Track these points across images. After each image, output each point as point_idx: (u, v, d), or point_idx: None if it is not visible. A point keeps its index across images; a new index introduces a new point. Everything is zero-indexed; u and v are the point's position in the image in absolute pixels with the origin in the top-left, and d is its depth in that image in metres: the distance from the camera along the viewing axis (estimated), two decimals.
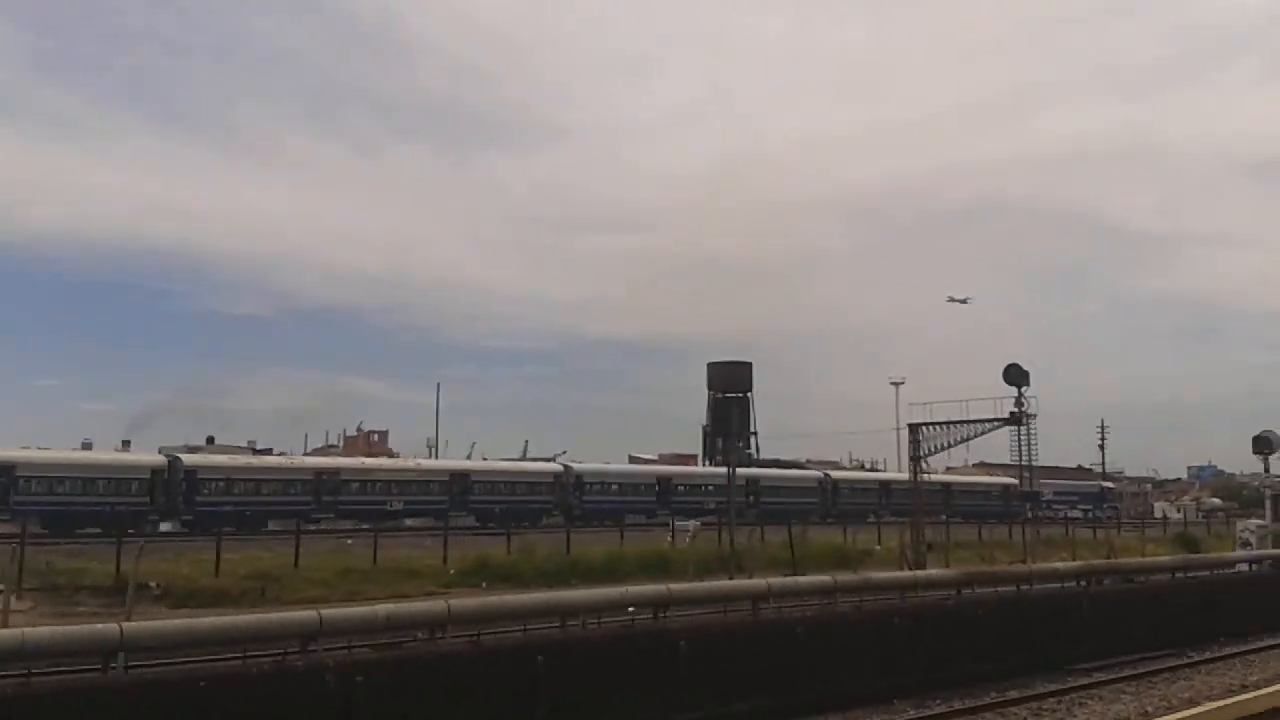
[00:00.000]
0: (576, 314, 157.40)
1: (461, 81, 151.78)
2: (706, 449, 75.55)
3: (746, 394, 27.97)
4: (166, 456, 51.30)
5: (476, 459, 72.18)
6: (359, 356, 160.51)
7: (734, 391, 27.78)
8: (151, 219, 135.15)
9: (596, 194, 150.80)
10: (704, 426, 75.83)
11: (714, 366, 27.58)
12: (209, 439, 62.46)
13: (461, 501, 55.31)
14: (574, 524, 51.61)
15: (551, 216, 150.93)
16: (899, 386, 67.45)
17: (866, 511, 59.82)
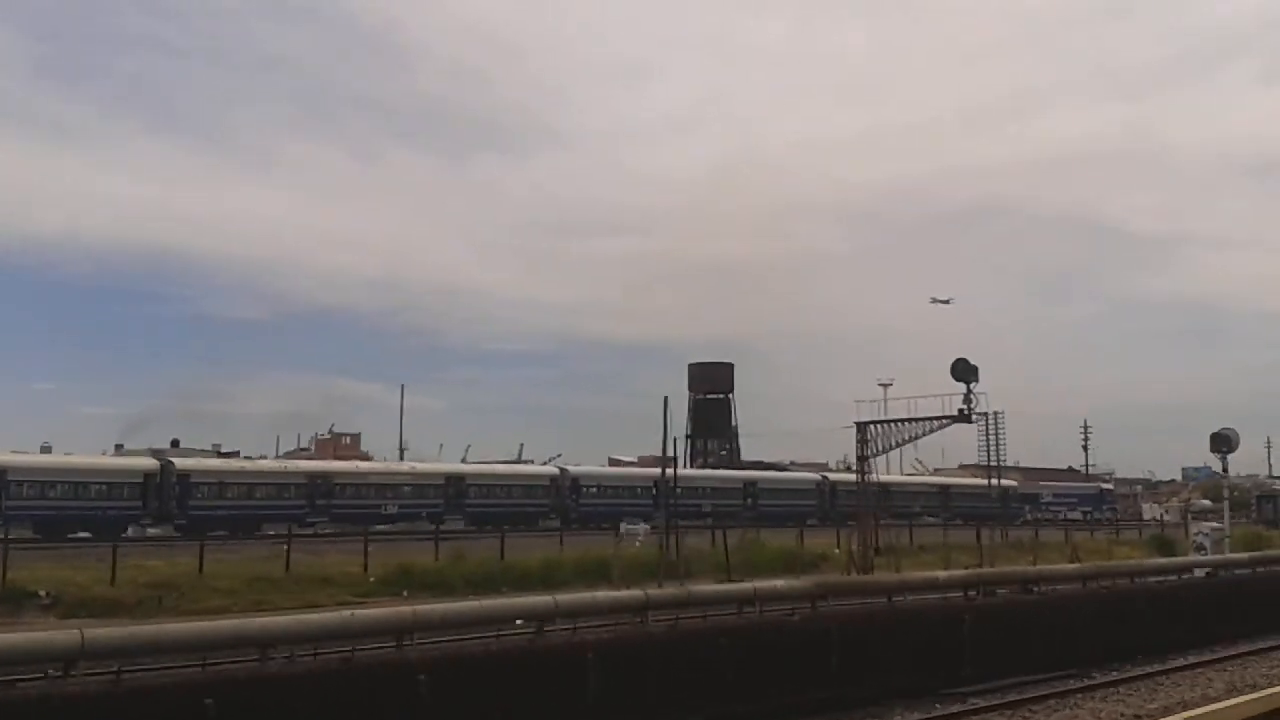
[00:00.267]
0: (574, 317, 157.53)
1: (460, 85, 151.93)
2: (688, 451, 75.55)
3: (728, 395, 27.31)
4: (159, 461, 50.93)
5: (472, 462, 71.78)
6: (357, 360, 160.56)
7: (716, 392, 27.15)
8: (150, 223, 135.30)
9: (595, 197, 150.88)
10: (686, 432, 77.12)
11: (695, 367, 27.06)
12: (173, 441, 61.56)
13: (457, 505, 54.97)
14: (570, 527, 51.47)
15: (550, 220, 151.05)
16: (887, 388, 66.71)
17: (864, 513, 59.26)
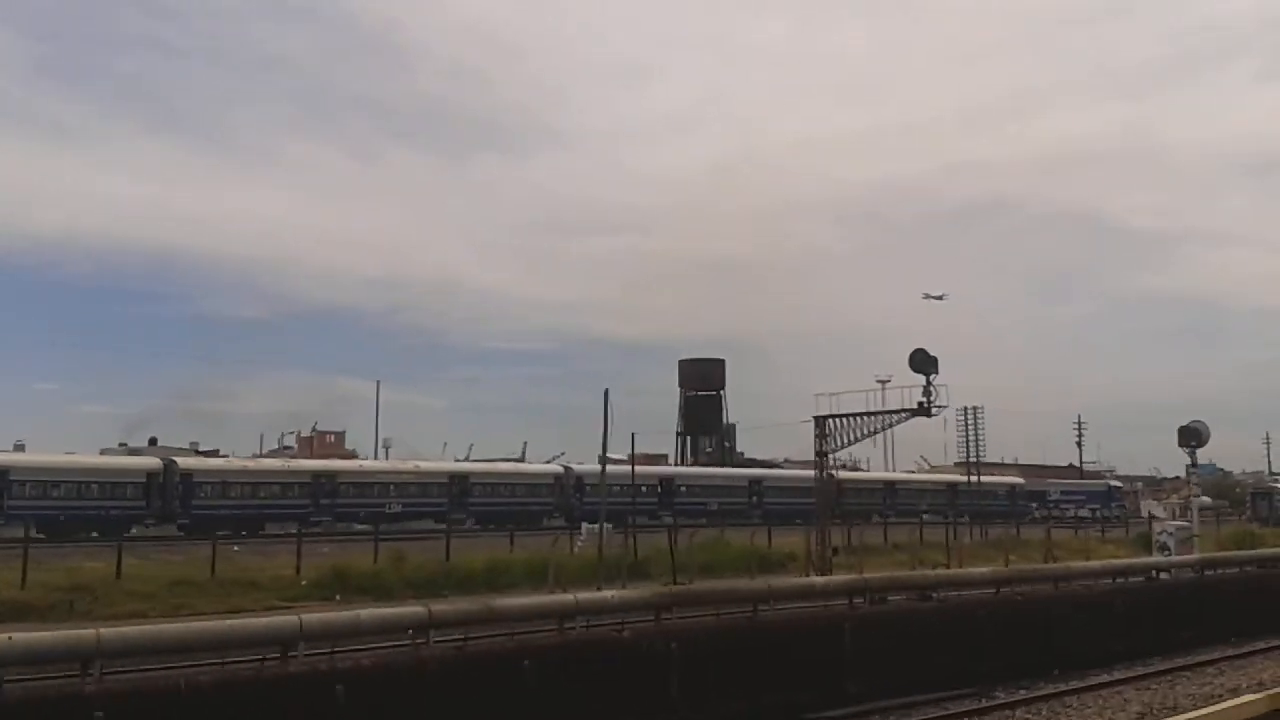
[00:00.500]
0: (575, 315, 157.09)
1: (460, 85, 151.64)
2: (679, 448, 72.53)
3: (719, 391, 26.52)
4: (162, 460, 50.78)
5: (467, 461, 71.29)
6: (358, 359, 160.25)
7: (707, 389, 26.35)
8: (150, 223, 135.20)
9: (595, 196, 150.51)
10: (678, 429, 75.09)
11: (686, 364, 26.28)
12: (151, 440, 60.81)
13: (461, 504, 54.71)
14: (574, 526, 51.17)
15: (550, 219, 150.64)
16: (885, 384, 65.82)
17: (872, 511, 59.08)
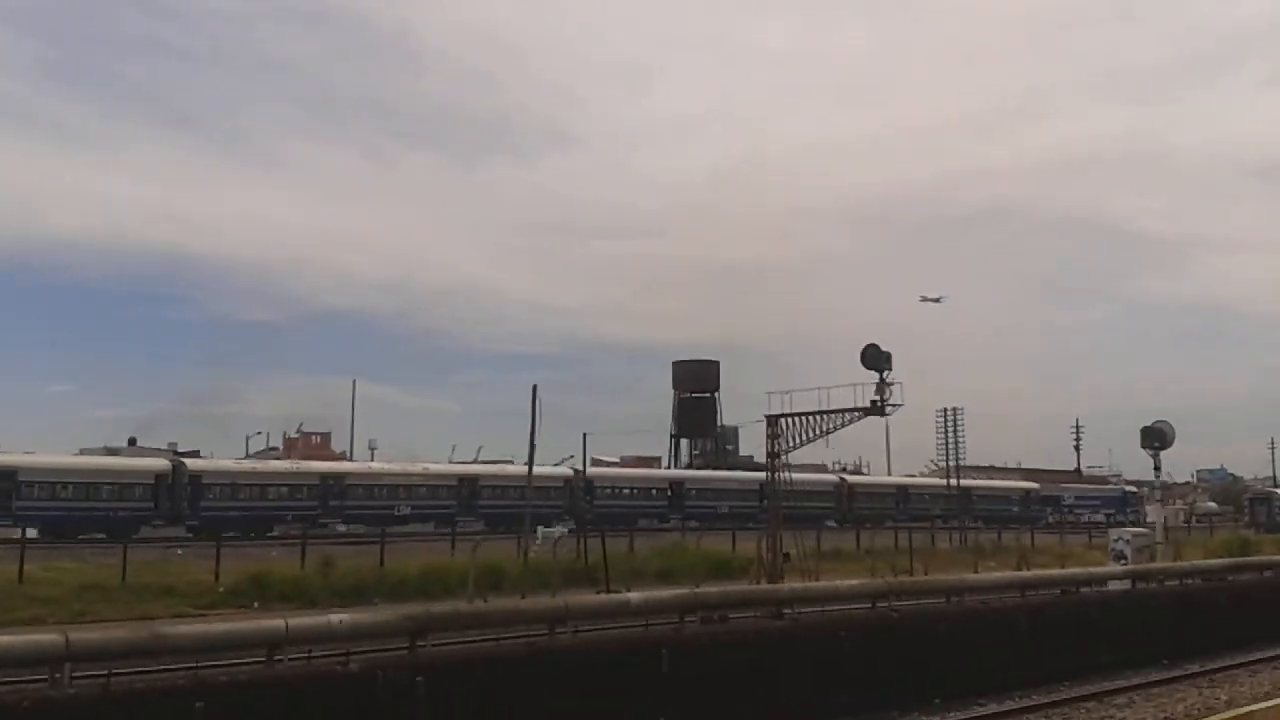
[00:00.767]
0: (584, 318, 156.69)
1: (468, 87, 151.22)
2: (672, 450, 71.09)
3: (714, 393, 25.75)
4: (171, 461, 50.78)
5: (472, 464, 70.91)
6: (370, 362, 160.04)
7: (701, 391, 25.57)
8: (163, 226, 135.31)
9: (602, 199, 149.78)
10: (672, 432, 73.19)
11: (680, 366, 25.60)
12: (130, 440, 60.65)
13: (470, 506, 54.51)
14: (585, 528, 50.88)
15: (558, 222, 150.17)
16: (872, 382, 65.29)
17: (884, 516, 58.63)
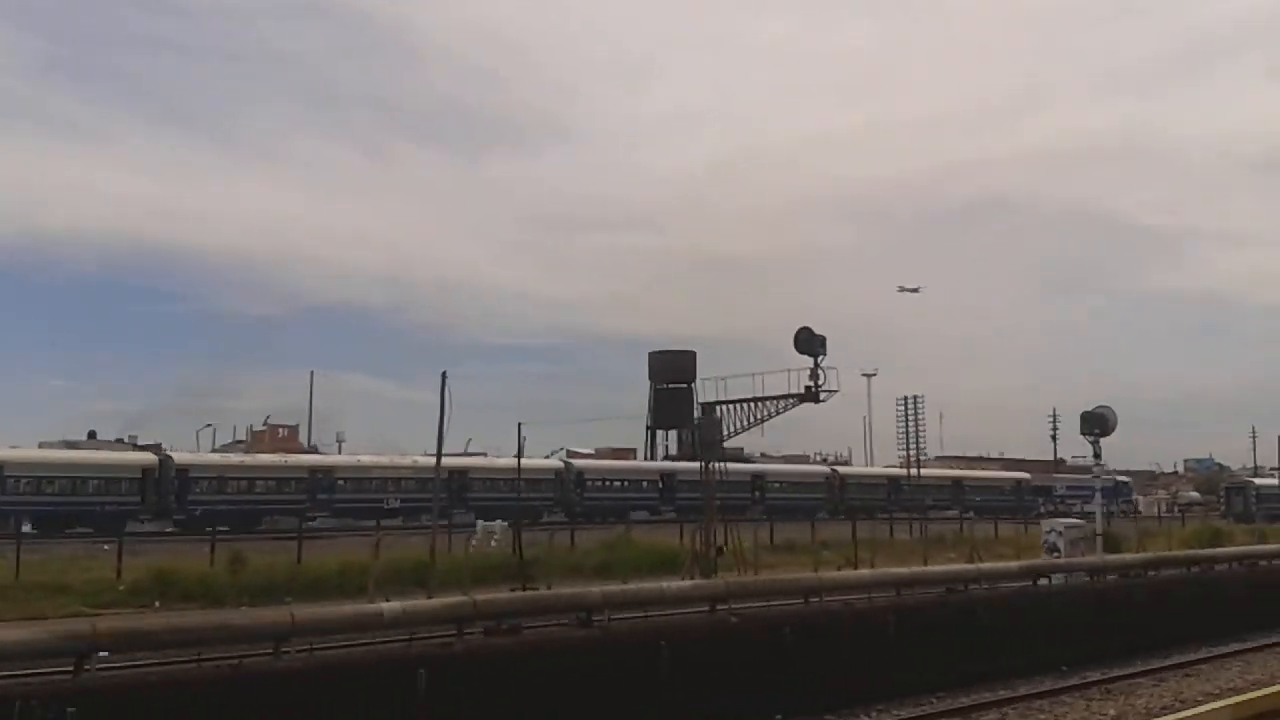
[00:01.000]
0: (582, 312, 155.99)
1: (466, 82, 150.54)
2: (648, 441, 72.42)
3: (690, 384, 25.49)
4: (158, 455, 50.56)
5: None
6: (367, 356, 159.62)
7: (677, 382, 25.24)
8: (160, 221, 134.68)
9: (601, 193, 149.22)
10: (647, 423, 72.29)
11: (656, 356, 25.24)
12: (90, 433, 59.99)
13: (460, 499, 54.30)
14: (575, 521, 50.79)
15: (556, 215, 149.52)
16: (870, 378, 65.33)
17: (875, 507, 58.56)
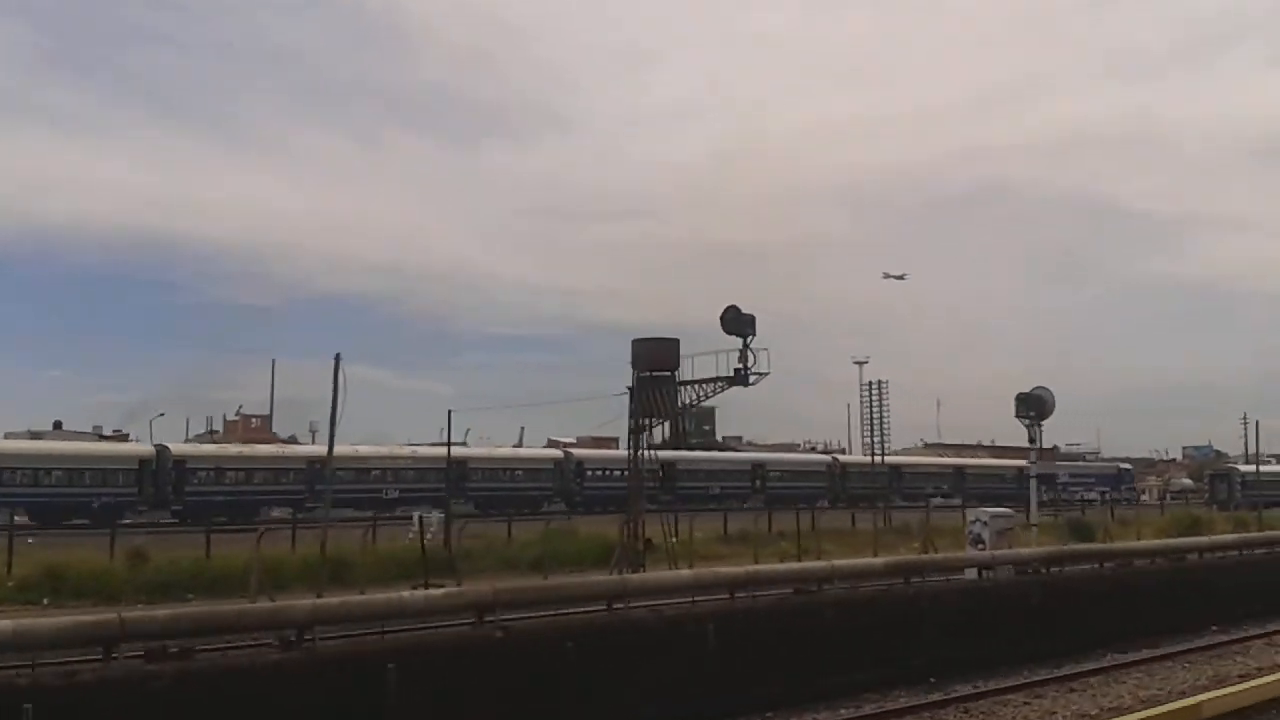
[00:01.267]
0: (581, 301, 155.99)
1: (464, 71, 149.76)
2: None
3: (673, 373, 25.21)
4: (155, 446, 50.23)
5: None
6: (366, 346, 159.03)
7: (660, 369, 25.02)
8: (156, 211, 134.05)
9: (600, 182, 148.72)
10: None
11: (639, 344, 25.10)
12: (55, 424, 59.39)
13: (460, 489, 54.03)
14: (575, 511, 50.55)
15: (555, 205, 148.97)
16: (862, 366, 64.65)
17: (876, 496, 58.29)
